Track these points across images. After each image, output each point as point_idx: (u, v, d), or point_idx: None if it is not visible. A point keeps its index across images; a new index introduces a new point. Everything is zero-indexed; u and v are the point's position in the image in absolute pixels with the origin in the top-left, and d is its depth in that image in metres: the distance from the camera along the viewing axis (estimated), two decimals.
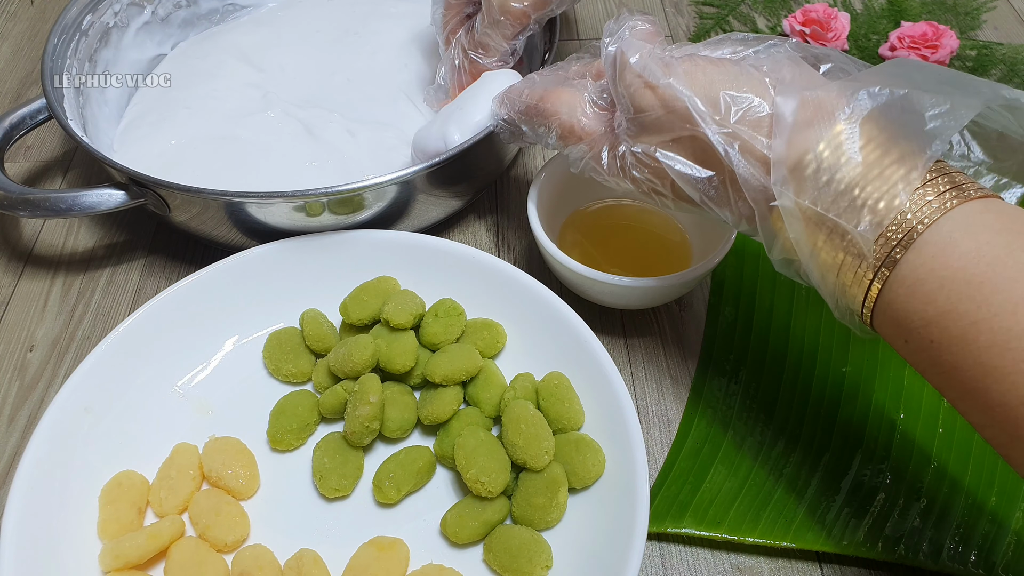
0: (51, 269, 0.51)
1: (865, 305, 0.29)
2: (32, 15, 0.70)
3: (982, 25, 0.67)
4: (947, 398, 0.28)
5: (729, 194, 0.32)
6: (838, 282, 0.29)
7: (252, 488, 0.39)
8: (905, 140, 0.28)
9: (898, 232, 0.27)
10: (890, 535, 0.37)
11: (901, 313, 0.28)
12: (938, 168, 0.28)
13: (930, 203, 0.27)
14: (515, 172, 0.56)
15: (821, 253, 0.29)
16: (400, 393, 0.41)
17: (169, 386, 0.42)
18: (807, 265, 0.30)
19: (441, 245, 0.45)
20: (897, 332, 0.28)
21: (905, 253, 0.27)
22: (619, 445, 0.37)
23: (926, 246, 0.27)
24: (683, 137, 0.32)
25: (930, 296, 0.27)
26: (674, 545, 0.39)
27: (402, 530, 0.38)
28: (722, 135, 0.31)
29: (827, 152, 0.28)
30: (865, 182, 0.28)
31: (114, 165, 0.44)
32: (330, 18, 0.62)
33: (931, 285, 0.27)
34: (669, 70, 0.32)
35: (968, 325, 0.26)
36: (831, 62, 0.33)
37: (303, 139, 0.52)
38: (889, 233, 0.27)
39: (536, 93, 0.39)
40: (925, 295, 0.27)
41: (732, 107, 0.31)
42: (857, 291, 0.29)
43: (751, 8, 0.70)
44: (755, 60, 0.32)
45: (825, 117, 0.29)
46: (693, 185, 0.33)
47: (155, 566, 0.37)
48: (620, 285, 0.42)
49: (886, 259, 0.27)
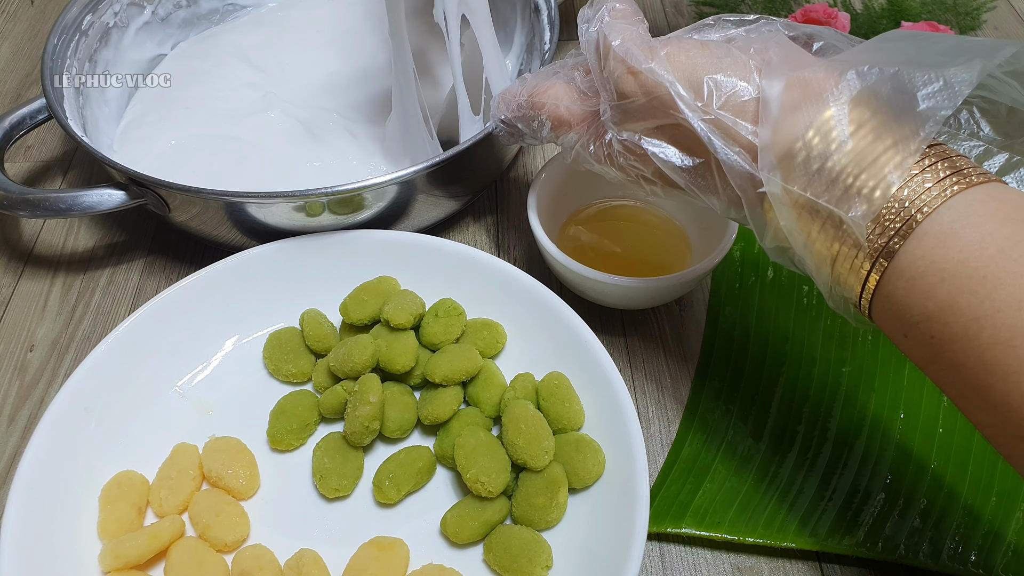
0: (51, 269, 0.51)
1: (863, 296, 0.28)
2: (32, 15, 0.70)
3: (982, 25, 0.67)
4: (948, 395, 0.27)
5: (716, 181, 0.31)
6: (834, 272, 0.28)
7: (252, 488, 0.39)
8: (898, 122, 0.27)
9: (896, 221, 0.26)
10: (890, 535, 0.37)
11: (900, 307, 0.27)
12: (938, 152, 0.27)
13: (929, 190, 0.26)
14: (515, 172, 0.56)
15: (816, 243, 0.28)
16: (400, 393, 0.41)
17: (169, 386, 0.42)
18: (801, 254, 0.29)
19: (441, 245, 0.45)
20: (896, 326, 0.27)
21: (904, 243, 0.26)
22: (619, 445, 0.37)
23: (926, 237, 0.26)
24: (667, 124, 0.31)
25: (930, 290, 0.25)
26: (674, 545, 0.39)
27: (402, 530, 0.38)
28: (705, 122, 0.29)
29: (817, 139, 0.27)
30: (858, 169, 0.26)
31: (114, 165, 0.44)
32: (330, 18, 0.62)
33: (932, 279, 0.25)
34: (651, 54, 0.31)
35: (970, 321, 0.25)
36: (823, 40, 0.32)
37: (303, 139, 0.52)
38: (886, 222, 0.26)
39: (528, 88, 0.39)
40: (925, 289, 0.26)
41: (715, 92, 0.29)
42: (854, 282, 0.28)
43: (751, 8, 0.70)
44: (744, 41, 0.31)
45: (813, 100, 0.28)
46: (678, 173, 0.32)
47: (155, 566, 0.37)
48: (620, 285, 0.42)
49: (884, 249, 0.26)
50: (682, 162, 0.32)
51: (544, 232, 0.43)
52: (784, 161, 0.28)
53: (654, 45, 0.31)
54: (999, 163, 0.31)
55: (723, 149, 0.29)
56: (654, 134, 0.32)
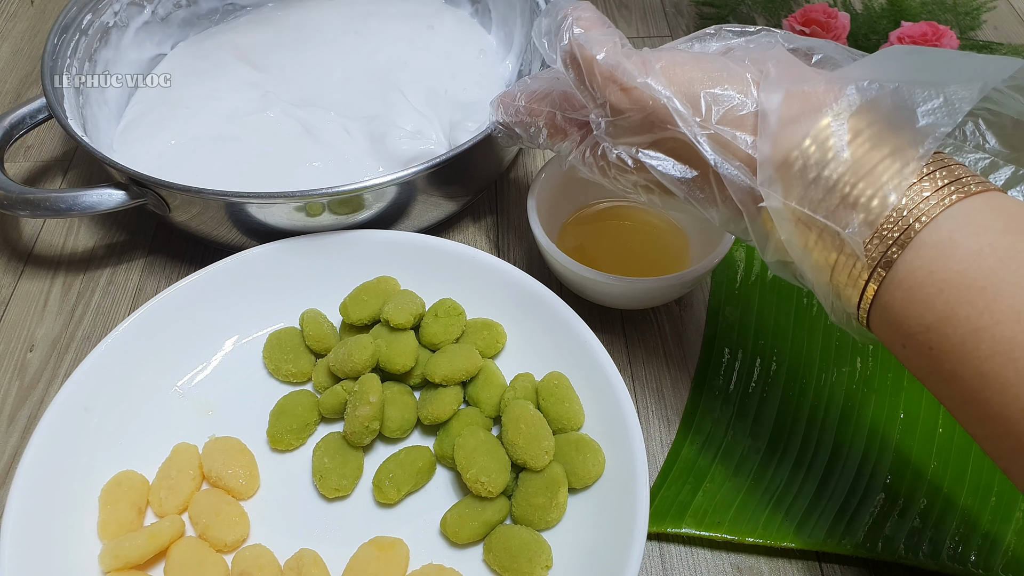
0: (51, 269, 0.51)
1: (861, 307, 0.28)
2: (32, 15, 0.70)
3: (982, 25, 0.67)
4: (946, 406, 0.27)
5: (715, 194, 0.31)
6: (833, 283, 0.28)
7: (252, 488, 0.39)
8: (897, 136, 0.26)
9: (894, 230, 0.26)
10: (890, 535, 0.37)
11: (898, 317, 0.26)
12: (936, 160, 0.26)
13: (927, 199, 0.25)
14: (515, 173, 0.56)
15: (813, 253, 0.28)
16: (400, 393, 0.41)
17: (169, 386, 0.42)
18: (800, 266, 0.29)
19: (441, 245, 0.45)
20: (894, 336, 0.27)
21: (902, 253, 0.26)
22: (619, 445, 0.37)
23: (924, 247, 0.25)
24: (664, 138, 0.31)
25: (929, 301, 0.25)
26: (674, 545, 0.39)
27: (402, 530, 0.38)
28: (705, 137, 0.29)
29: (813, 148, 0.27)
30: (855, 178, 0.26)
31: (114, 165, 0.44)
32: (330, 18, 0.62)
33: (930, 289, 0.25)
34: (646, 68, 0.30)
35: (969, 332, 0.24)
36: (822, 53, 0.31)
37: (302, 139, 0.52)
38: (884, 231, 0.26)
39: (526, 93, 0.39)
40: (924, 299, 0.25)
41: (714, 106, 0.29)
42: (852, 292, 0.27)
43: (751, 8, 0.70)
44: (742, 52, 0.31)
45: (811, 112, 0.27)
46: (677, 185, 0.32)
47: (155, 566, 0.37)
48: (620, 285, 0.42)
49: (882, 259, 0.26)
50: (681, 175, 0.31)
51: (544, 232, 0.43)
52: (782, 171, 0.28)
53: (648, 58, 0.31)
54: (1005, 176, 0.31)
55: (723, 163, 0.29)
56: (651, 147, 0.32)
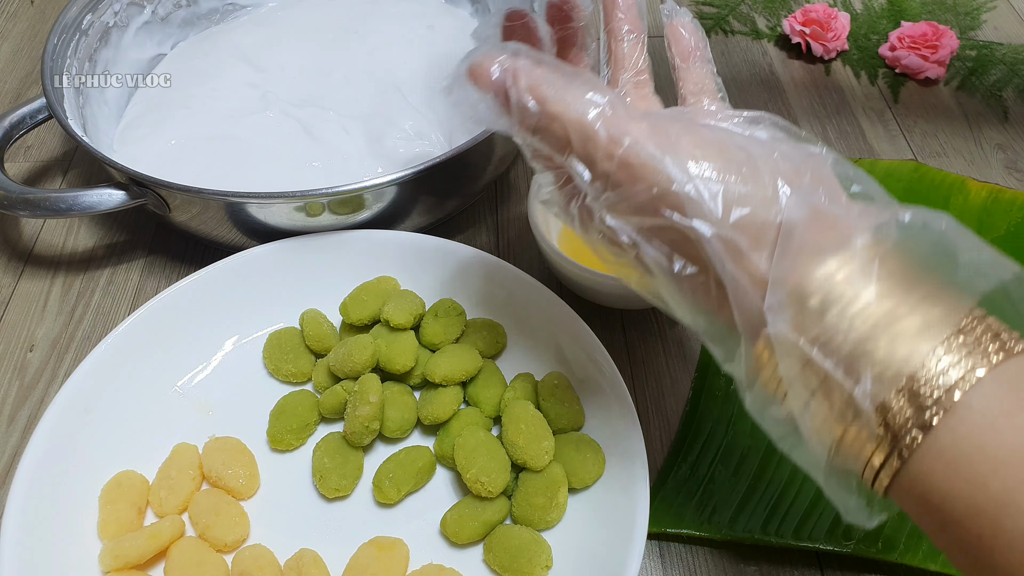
0: (51, 269, 0.51)
1: (882, 473, 0.23)
2: (32, 15, 0.70)
3: (982, 25, 0.67)
4: None
5: (712, 299, 0.27)
6: (844, 440, 0.23)
7: (252, 488, 0.39)
8: (933, 282, 0.23)
9: (930, 390, 0.22)
10: (890, 535, 0.37)
11: (934, 494, 0.22)
12: (974, 314, 0.23)
13: (969, 356, 0.22)
14: (515, 172, 0.56)
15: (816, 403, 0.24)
16: (400, 393, 0.41)
17: (169, 386, 0.42)
18: (798, 414, 0.24)
19: (441, 245, 0.45)
20: (928, 515, 0.22)
21: (942, 417, 0.21)
22: (619, 445, 0.37)
23: (970, 412, 0.21)
24: (665, 226, 0.26)
25: (979, 479, 0.21)
26: (674, 545, 0.39)
27: (402, 530, 0.38)
28: (719, 239, 0.25)
29: (840, 277, 0.23)
30: (883, 325, 0.22)
31: (114, 165, 0.44)
32: (330, 18, 0.62)
33: (982, 466, 0.21)
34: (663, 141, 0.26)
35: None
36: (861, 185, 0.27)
37: (302, 139, 0.52)
38: (917, 388, 0.22)
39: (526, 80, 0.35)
40: (972, 477, 0.21)
41: (735, 206, 0.25)
42: (865, 452, 0.23)
43: (751, 8, 0.70)
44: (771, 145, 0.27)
45: (842, 240, 0.24)
46: (670, 278, 0.27)
47: (155, 566, 0.37)
48: (620, 285, 0.42)
49: (914, 421, 0.22)
50: (679, 269, 0.27)
51: (544, 232, 0.43)
52: (795, 300, 0.24)
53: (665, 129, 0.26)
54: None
55: (731, 272, 0.25)
56: (649, 231, 0.27)
